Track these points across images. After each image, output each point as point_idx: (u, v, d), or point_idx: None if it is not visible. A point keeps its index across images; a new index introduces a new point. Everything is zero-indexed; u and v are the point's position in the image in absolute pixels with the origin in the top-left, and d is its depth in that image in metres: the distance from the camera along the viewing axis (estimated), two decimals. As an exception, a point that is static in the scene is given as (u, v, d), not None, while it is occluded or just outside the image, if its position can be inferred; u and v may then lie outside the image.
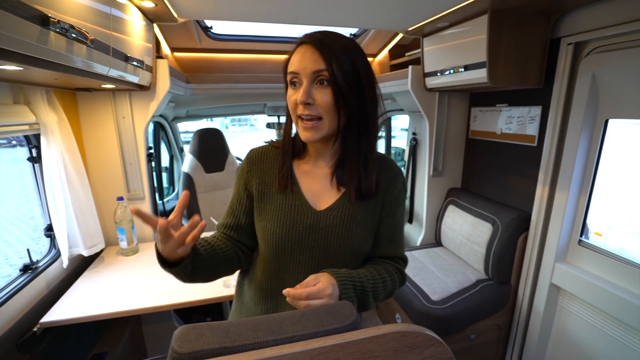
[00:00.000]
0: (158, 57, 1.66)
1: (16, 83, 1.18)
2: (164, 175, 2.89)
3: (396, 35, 2.27)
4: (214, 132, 2.58)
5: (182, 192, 0.68)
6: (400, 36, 2.25)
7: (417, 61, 1.96)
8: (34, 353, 1.18)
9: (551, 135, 1.54)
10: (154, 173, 2.08)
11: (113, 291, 1.37)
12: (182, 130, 3.06)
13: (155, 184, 2.11)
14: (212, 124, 4.06)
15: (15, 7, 0.63)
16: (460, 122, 2.14)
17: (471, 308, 1.64)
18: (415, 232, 2.45)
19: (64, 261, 1.38)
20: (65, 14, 0.81)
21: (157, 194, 2.20)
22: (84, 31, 0.86)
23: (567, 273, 1.50)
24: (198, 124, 3.10)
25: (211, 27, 2.17)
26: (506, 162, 1.86)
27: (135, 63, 1.31)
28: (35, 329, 1.18)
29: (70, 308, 1.25)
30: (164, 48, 2.09)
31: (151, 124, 2.33)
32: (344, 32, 2.40)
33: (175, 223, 0.66)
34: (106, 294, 1.35)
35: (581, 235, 1.51)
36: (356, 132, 0.77)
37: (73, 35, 0.81)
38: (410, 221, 2.56)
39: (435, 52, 1.79)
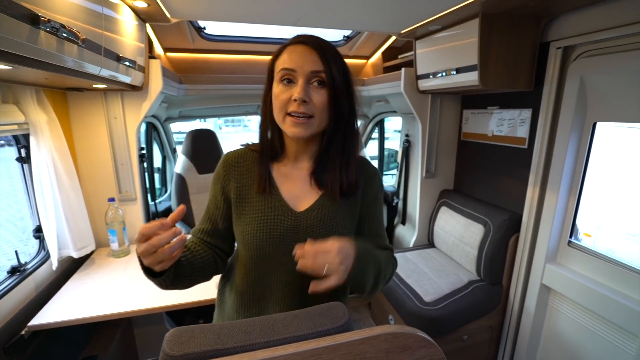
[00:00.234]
0: (151, 57, 1.65)
1: (5, 82, 1.16)
2: (157, 176, 2.86)
3: (389, 37, 2.28)
4: (207, 133, 2.56)
5: (180, 207, 0.68)
6: (393, 39, 2.27)
7: (410, 63, 1.97)
8: (22, 357, 1.16)
9: (541, 137, 1.56)
10: (146, 174, 2.06)
11: (104, 293, 1.35)
12: (175, 130, 3.03)
13: (147, 185, 2.09)
14: (205, 125, 4.03)
15: (4, 6, 0.62)
16: (452, 124, 2.16)
17: (463, 309, 1.66)
18: (408, 234, 2.47)
19: (53, 263, 1.36)
20: (55, 13, 0.80)
21: (149, 195, 2.18)
22: (75, 30, 0.86)
23: (557, 274, 1.53)
24: (191, 125, 3.08)
25: (204, 28, 2.16)
26: (497, 164, 1.89)
27: (127, 63, 1.30)
28: (23, 332, 1.16)
29: (59, 311, 1.24)
30: (157, 48, 2.07)
31: (143, 125, 2.31)
32: (338, 34, 2.42)
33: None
34: (97, 296, 1.33)
35: (571, 236, 1.53)
36: (343, 133, 0.79)
37: (64, 34, 0.80)
38: (403, 222, 2.57)
39: (427, 55, 1.81)
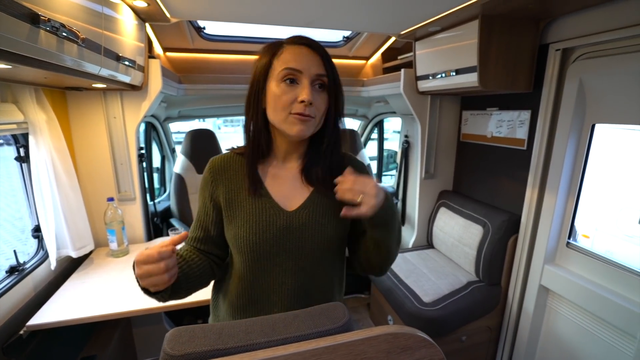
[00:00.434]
0: (150, 57, 1.65)
1: (4, 81, 1.16)
2: (155, 175, 2.85)
3: (389, 38, 2.28)
4: (207, 133, 2.55)
5: (182, 233, 0.69)
6: (392, 39, 2.27)
7: (410, 64, 1.98)
8: (20, 356, 1.16)
9: (540, 139, 1.57)
10: (145, 174, 2.06)
11: (102, 293, 1.35)
12: (174, 130, 3.03)
13: (146, 185, 2.09)
14: (204, 125, 4.03)
15: (4, 5, 0.62)
16: (451, 125, 2.17)
17: (462, 310, 1.66)
18: (407, 234, 2.47)
19: (52, 263, 1.36)
20: (55, 13, 0.80)
21: (148, 195, 2.17)
22: (75, 30, 0.85)
23: (556, 275, 1.53)
24: (190, 125, 3.07)
25: (204, 28, 2.16)
26: (496, 165, 1.89)
27: (127, 63, 1.30)
28: (21, 332, 1.15)
29: (58, 310, 1.23)
30: (156, 48, 2.07)
31: (143, 124, 2.31)
32: (337, 35, 2.42)
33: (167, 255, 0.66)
34: (95, 296, 1.32)
35: (569, 237, 1.53)
36: (333, 133, 0.81)
37: (64, 34, 0.80)
38: (402, 223, 2.58)
39: (427, 56, 1.81)
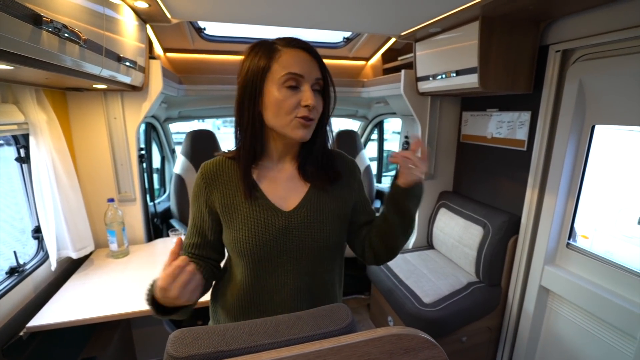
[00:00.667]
0: (151, 58, 1.65)
1: (5, 82, 1.16)
2: (155, 176, 2.85)
3: (389, 39, 2.29)
4: (206, 134, 2.55)
5: (177, 240, 0.68)
6: (393, 40, 2.27)
7: (410, 65, 1.98)
8: (20, 358, 1.15)
9: (540, 140, 1.57)
10: (145, 174, 2.06)
11: (102, 294, 1.35)
12: (174, 131, 3.02)
13: (146, 186, 2.09)
14: (204, 125, 4.02)
15: (7, 6, 0.62)
16: (451, 126, 2.17)
17: (462, 310, 1.66)
18: (407, 235, 2.47)
19: (52, 264, 1.35)
20: (58, 14, 0.80)
21: (149, 196, 2.17)
22: (77, 31, 0.85)
23: (556, 275, 1.53)
24: (190, 125, 3.07)
25: (204, 28, 2.16)
26: (497, 166, 1.89)
27: (127, 63, 1.30)
28: (21, 334, 1.15)
29: (58, 312, 1.23)
30: (157, 49, 2.07)
31: (143, 125, 2.31)
32: (338, 36, 2.42)
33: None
34: (95, 297, 1.32)
35: (569, 238, 1.54)
36: (325, 132, 0.83)
37: (66, 34, 0.80)
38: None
39: (427, 57, 1.81)
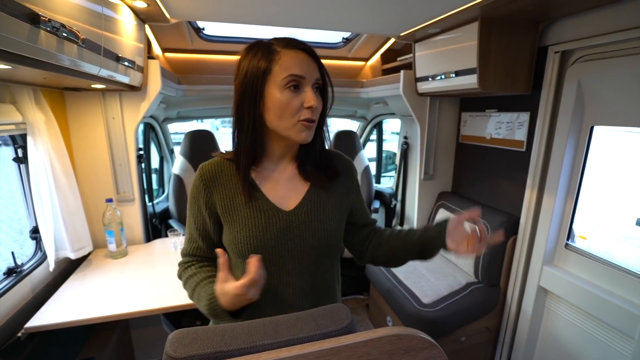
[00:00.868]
0: (149, 58, 1.64)
1: (3, 82, 1.15)
2: (154, 176, 2.84)
3: (388, 40, 2.29)
4: (205, 134, 2.55)
5: (224, 257, 0.70)
6: (392, 41, 2.28)
7: (409, 66, 1.98)
8: (18, 359, 1.14)
9: (539, 140, 1.57)
10: (144, 175, 2.05)
11: (101, 295, 1.34)
12: (173, 131, 3.02)
13: (145, 186, 2.08)
14: (203, 126, 4.02)
15: (4, 5, 0.62)
16: (450, 127, 2.17)
17: (461, 311, 1.66)
18: (406, 235, 2.47)
19: (50, 264, 1.35)
20: (56, 13, 0.80)
21: (147, 196, 2.17)
22: (75, 30, 0.85)
23: (554, 276, 1.53)
24: (188, 126, 3.06)
25: (203, 29, 2.16)
26: (495, 167, 1.89)
27: (126, 63, 1.30)
28: (19, 335, 1.14)
29: (56, 312, 1.22)
30: (155, 48, 2.07)
31: (141, 125, 2.30)
32: (337, 36, 2.42)
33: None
34: (93, 298, 1.32)
35: (568, 238, 1.54)
36: (322, 131, 0.83)
37: (64, 34, 0.80)
38: (401, 224, 2.58)
39: (426, 58, 1.81)
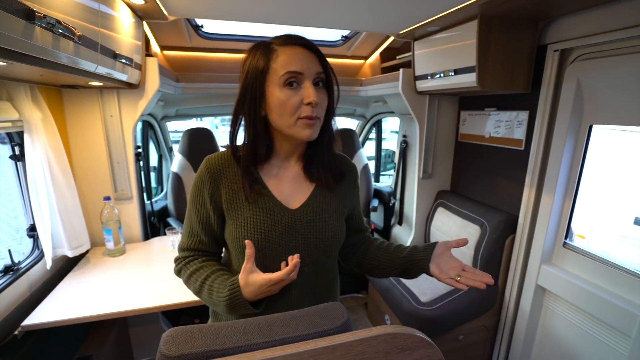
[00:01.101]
0: (147, 55, 1.64)
1: (-1, 79, 1.15)
2: (152, 174, 2.84)
3: (387, 38, 2.28)
4: (204, 132, 2.54)
5: (250, 247, 0.73)
6: (391, 39, 2.27)
7: (408, 64, 1.98)
8: (15, 357, 1.14)
9: (538, 139, 1.57)
10: (142, 173, 2.05)
11: (99, 293, 1.34)
12: (171, 129, 3.01)
13: (143, 184, 2.08)
14: (202, 124, 4.01)
15: (-1, 1, 0.61)
16: (449, 125, 2.17)
17: (459, 309, 1.66)
18: (404, 234, 2.47)
19: (48, 262, 1.34)
20: (51, 9, 0.79)
21: (146, 194, 2.16)
22: (71, 27, 0.85)
23: (553, 275, 1.53)
24: (188, 124, 3.05)
25: (202, 26, 2.15)
26: (494, 165, 1.89)
27: (123, 60, 1.29)
28: (16, 332, 1.14)
29: (53, 310, 1.22)
30: (154, 46, 2.06)
31: (140, 123, 2.29)
32: (336, 34, 2.41)
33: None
34: (91, 296, 1.32)
35: (566, 237, 1.54)
36: (330, 130, 0.82)
37: (59, 30, 0.79)
38: (399, 223, 2.58)
39: (425, 56, 1.81)
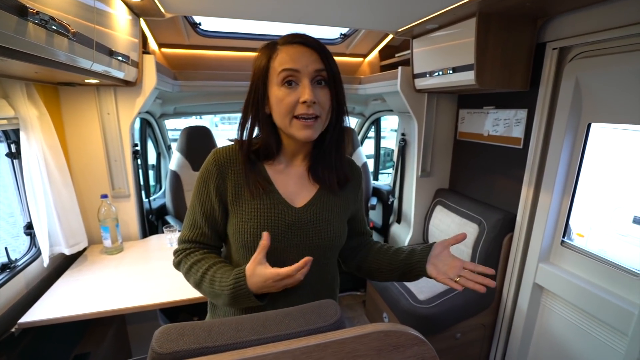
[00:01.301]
0: (145, 53, 1.63)
1: (-6, 76, 1.14)
2: (151, 173, 2.83)
3: (386, 36, 2.27)
4: (202, 130, 2.54)
5: (264, 237, 0.72)
6: (390, 37, 2.26)
7: (407, 62, 1.97)
8: (12, 354, 1.14)
9: (536, 137, 1.57)
10: (140, 171, 2.04)
11: (96, 290, 1.34)
12: (170, 127, 3.00)
13: (141, 182, 2.07)
14: (201, 122, 4.00)
15: (-9, -4, 0.61)
16: (448, 124, 2.16)
17: (457, 307, 1.66)
18: (403, 232, 2.47)
19: (45, 260, 1.34)
20: (45, 5, 0.79)
21: (144, 192, 2.16)
22: (65, 23, 0.84)
23: (550, 273, 1.53)
24: (187, 122, 3.04)
25: (200, 24, 2.14)
26: (493, 164, 1.89)
27: (120, 58, 1.28)
28: (13, 330, 1.14)
29: (50, 308, 1.22)
30: (151, 43, 2.05)
31: (138, 121, 2.29)
32: (335, 32, 2.41)
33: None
34: (89, 293, 1.31)
35: (564, 236, 1.54)
36: (338, 130, 0.80)
37: (53, 27, 0.79)
38: (398, 221, 2.58)
39: (424, 54, 1.80)
